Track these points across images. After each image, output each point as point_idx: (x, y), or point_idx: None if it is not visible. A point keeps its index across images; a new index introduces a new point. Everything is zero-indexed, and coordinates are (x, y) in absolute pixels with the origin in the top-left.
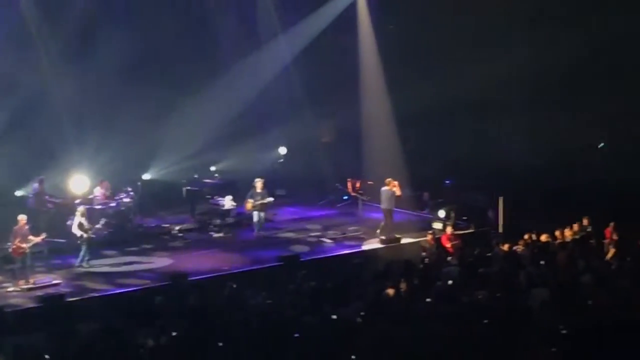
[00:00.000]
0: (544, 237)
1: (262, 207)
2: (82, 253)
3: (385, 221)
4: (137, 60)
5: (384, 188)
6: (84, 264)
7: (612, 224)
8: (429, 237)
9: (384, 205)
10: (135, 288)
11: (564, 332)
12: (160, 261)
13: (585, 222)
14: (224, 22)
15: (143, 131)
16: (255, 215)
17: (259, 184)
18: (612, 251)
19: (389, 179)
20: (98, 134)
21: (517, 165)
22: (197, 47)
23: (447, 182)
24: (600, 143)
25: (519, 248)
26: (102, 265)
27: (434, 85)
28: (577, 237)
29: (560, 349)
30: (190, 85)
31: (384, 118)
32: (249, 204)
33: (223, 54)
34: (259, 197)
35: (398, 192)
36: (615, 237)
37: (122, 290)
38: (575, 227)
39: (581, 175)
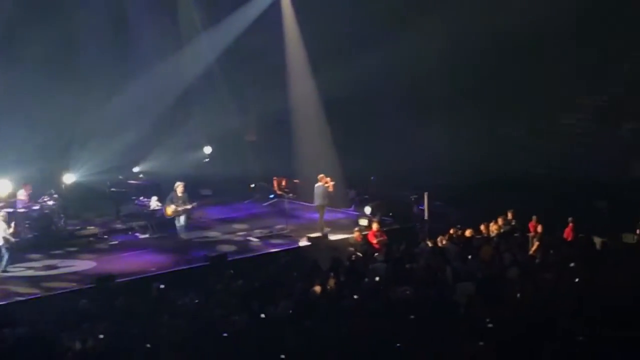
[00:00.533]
0: (468, 232)
1: (185, 212)
2: (5, 257)
3: (321, 217)
4: (57, 61)
5: (318, 184)
6: (8, 269)
7: (534, 217)
8: (356, 234)
9: (317, 201)
10: (61, 291)
11: (490, 326)
12: (86, 264)
13: (509, 215)
14: (145, 21)
15: (66, 132)
16: (178, 220)
17: (179, 188)
18: (536, 244)
19: (322, 175)
20: (18, 135)
21: (442, 160)
22: (119, 46)
23: (372, 178)
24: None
25: (444, 243)
26: (27, 269)
27: (360, 81)
28: (501, 231)
29: (487, 343)
30: (113, 84)
31: (313, 115)
32: (170, 209)
33: (145, 52)
34: (179, 202)
35: (331, 188)
36: (539, 230)
37: (48, 294)
38: (500, 221)
39: (504, 169)
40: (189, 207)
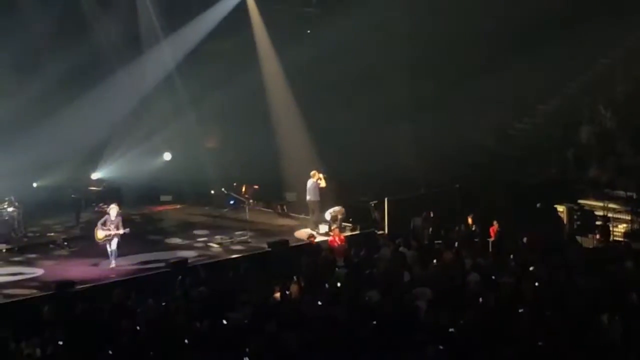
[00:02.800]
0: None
1: (117, 237)
2: None
3: (315, 213)
4: (16, 66)
5: (310, 180)
6: None
7: (495, 222)
8: (311, 239)
9: (309, 197)
10: (21, 298)
11: (451, 330)
12: (46, 270)
13: (469, 220)
14: (104, 28)
15: (27, 139)
16: (109, 245)
17: (113, 210)
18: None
19: (314, 171)
20: None
21: (402, 166)
22: (78, 53)
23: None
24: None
25: (404, 249)
26: None
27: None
28: (462, 236)
29: (447, 347)
30: (72, 91)
31: (288, 117)
32: (101, 233)
33: (105, 59)
34: (112, 226)
35: (323, 184)
36: (499, 235)
37: (8, 301)
38: (462, 226)
39: (467, 174)
40: (121, 232)
